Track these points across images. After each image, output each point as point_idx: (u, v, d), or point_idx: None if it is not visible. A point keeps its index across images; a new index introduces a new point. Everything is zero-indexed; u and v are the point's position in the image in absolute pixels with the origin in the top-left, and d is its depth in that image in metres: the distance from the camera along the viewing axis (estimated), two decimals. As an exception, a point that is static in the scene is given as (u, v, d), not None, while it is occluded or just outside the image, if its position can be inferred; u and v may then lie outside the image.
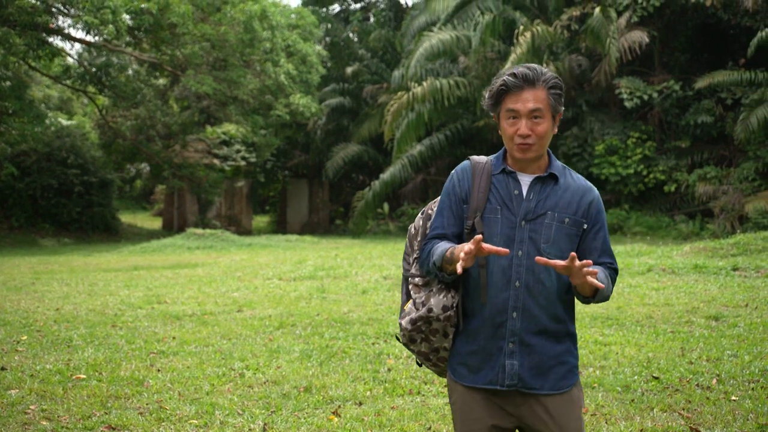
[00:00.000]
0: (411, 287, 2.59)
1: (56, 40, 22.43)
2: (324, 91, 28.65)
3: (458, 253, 2.33)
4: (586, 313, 7.99)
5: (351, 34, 31.60)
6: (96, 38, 20.85)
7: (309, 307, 9.11)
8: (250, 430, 4.60)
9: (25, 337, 7.20)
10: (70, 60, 23.98)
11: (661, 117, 20.90)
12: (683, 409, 4.80)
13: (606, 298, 2.47)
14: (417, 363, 2.69)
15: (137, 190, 39.36)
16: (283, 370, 5.94)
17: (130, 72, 25.30)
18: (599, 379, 5.50)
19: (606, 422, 4.60)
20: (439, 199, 2.63)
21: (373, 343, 6.89)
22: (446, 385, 5.48)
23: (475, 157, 2.58)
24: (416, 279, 2.58)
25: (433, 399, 5.19)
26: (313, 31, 26.65)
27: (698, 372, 5.62)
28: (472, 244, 2.25)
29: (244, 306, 9.22)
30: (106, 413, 4.83)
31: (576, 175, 2.56)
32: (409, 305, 2.55)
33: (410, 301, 2.56)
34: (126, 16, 20.21)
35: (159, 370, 5.92)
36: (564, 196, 2.48)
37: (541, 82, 2.43)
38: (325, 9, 32.85)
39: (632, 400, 5.00)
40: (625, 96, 20.01)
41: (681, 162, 20.44)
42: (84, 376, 5.71)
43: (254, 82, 23.38)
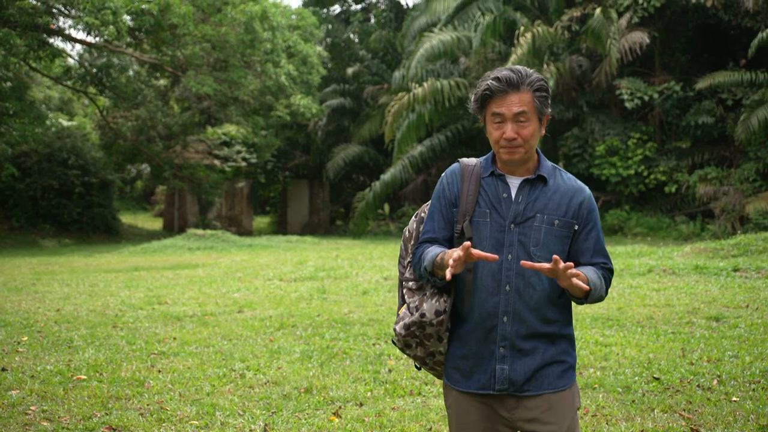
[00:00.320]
0: (405, 291, 2.59)
1: (57, 41, 22.45)
2: (324, 92, 28.66)
3: (447, 259, 2.33)
4: (586, 314, 7.99)
5: (352, 35, 31.62)
6: (97, 39, 20.85)
7: (309, 307, 9.11)
8: (250, 430, 4.60)
9: (26, 338, 7.20)
10: (70, 61, 24.00)
11: (661, 118, 20.90)
12: (684, 410, 4.80)
13: (600, 298, 2.46)
14: (416, 366, 2.69)
15: (138, 191, 39.35)
16: (284, 371, 5.94)
17: (131, 73, 25.31)
18: (600, 379, 5.49)
19: (607, 423, 4.60)
20: (430, 202, 2.63)
21: (373, 344, 6.89)
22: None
23: (464, 160, 2.57)
24: (410, 283, 2.58)
25: (434, 400, 5.19)
26: (313, 32, 26.67)
27: (699, 373, 5.61)
28: (461, 250, 2.24)
29: (244, 307, 9.22)
30: (107, 414, 4.83)
31: (567, 176, 2.54)
32: (404, 310, 2.55)
33: (404, 306, 2.56)
34: (127, 17, 20.21)
35: (160, 371, 5.92)
36: (553, 198, 2.47)
37: (525, 85, 2.41)
38: (325, 10, 32.87)
39: (633, 401, 5.00)
40: (625, 97, 20.00)
41: (682, 163, 20.44)
42: (85, 377, 5.71)
43: (255, 82, 23.39)
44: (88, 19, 18.79)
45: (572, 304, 2.57)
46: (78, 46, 24.93)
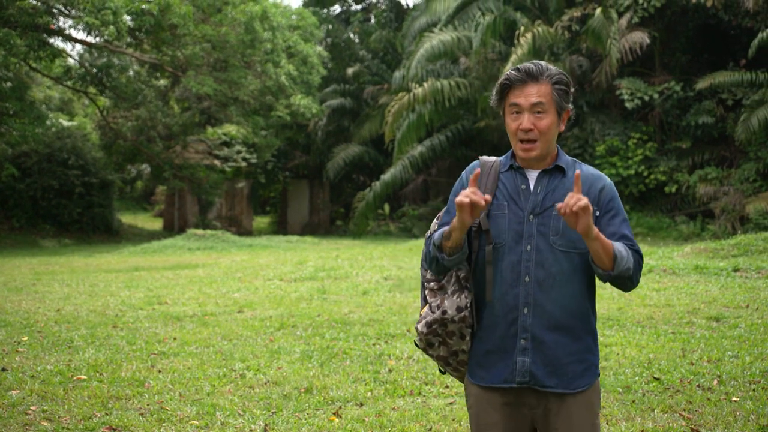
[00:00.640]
0: (427, 292, 2.57)
1: (57, 41, 22.44)
2: (325, 92, 28.66)
3: (453, 223, 2.34)
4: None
5: (352, 35, 31.62)
6: (97, 39, 20.85)
7: (310, 307, 9.11)
8: (251, 430, 4.60)
9: (26, 338, 7.20)
10: (71, 61, 24.00)
11: (661, 118, 20.89)
12: (684, 410, 4.80)
13: (628, 271, 2.35)
14: (440, 370, 2.66)
15: (138, 191, 39.34)
16: (284, 371, 5.94)
17: (131, 73, 25.30)
18: (600, 379, 5.48)
19: (607, 423, 4.60)
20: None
21: (374, 344, 6.89)
22: (447, 386, 5.48)
23: (484, 157, 2.57)
24: (431, 283, 2.56)
25: (434, 400, 5.19)
26: (313, 32, 26.68)
27: (699, 373, 5.61)
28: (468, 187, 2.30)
29: (244, 307, 9.22)
30: (107, 414, 4.83)
31: (587, 167, 2.53)
32: (425, 309, 2.54)
33: (426, 306, 2.55)
34: (127, 17, 20.21)
35: (160, 371, 5.92)
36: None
37: (544, 77, 2.41)
38: (325, 10, 32.87)
39: (633, 401, 5.00)
40: (625, 97, 20.00)
41: (682, 163, 20.43)
42: (85, 377, 5.71)
43: (255, 83, 23.39)
44: (88, 19, 18.79)
45: (596, 298, 2.51)
46: (78, 46, 24.95)
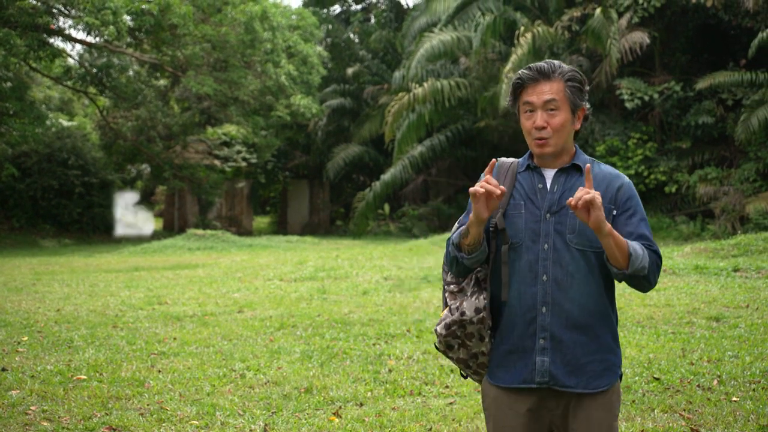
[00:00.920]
0: (447, 294, 2.57)
1: (57, 41, 22.44)
2: (325, 92, 28.66)
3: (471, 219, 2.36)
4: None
5: (352, 35, 31.62)
6: (97, 39, 20.86)
7: (310, 307, 9.11)
8: (250, 430, 4.60)
9: (26, 338, 7.20)
10: (70, 61, 24.00)
11: (661, 118, 20.88)
12: (684, 410, 4.80)
13: (643, 269, 2.34)
14: (462, 375, 2.64)
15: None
16: (284, 371, 5.94)
17: (131, 73, 25.30)
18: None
19: (607, 423, 4.59)
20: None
21: (374, 344, 6.89)
22: (447, 386, 5.48)
23: (502, 159, 2.58)
24: (451, 286, 2.56)
25: (434, 400, 5.19)
26: (313, 32, 26.67)
27: (699, 373, 5.61)
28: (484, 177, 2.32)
29: (244, 307, 9.22)
30: (107, 414, 4.83)
31: (604, 166, 2.52)
32: (445, 312, 2.53)
33: (446, 308, 2.55)
34: (127, 17, 20.21)
35: (160, 371, 5.92)
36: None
37: (557, 75, 2.42)
38: (325, 10, 32.87)
39: (633, 401, 5.00)
40: (625, 97, 19.99)
41: (682, 163, 20.42)
42: (85, 377, 5.71)
43: (255, 83, 23.39)
44: (88, 19, 18.79)
45: (616, 297, 2.51)
46: (78, 46, 24.93)
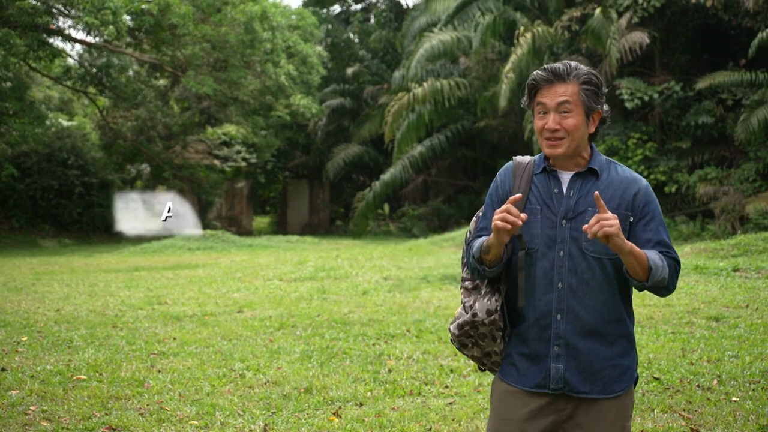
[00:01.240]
0: (462, 291, 2.56)
1: (57, 41, 22.45)
2: (324, 92, 28.66)
3: (493, 226, 2.31)
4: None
5: (351, 35, 31.62)
6: (96, 39, 20.86)
7: (309, 307, 9.11)
8: (250, 430, 4.60)
9: (26, 338, 7.20)
10: (70, 61, 24.00)
11: (661, 118, 20.88)
12: (684, 410, 4.80)
13: (664, 283, 2.34)
14: (479, 368, 2.64)
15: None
16: (284, 371, 5.93)
17: (131, 73, 25.30)
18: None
19: (607, 423, 4.59)
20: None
21: (373, 344, 6.89)
22: (446, 387, 5.48)
23: (518, 158, 2.55)
24: (466, 282, 2.55)
25: (434, 400, 5.19)
26: (313, 32, 26.67)
27: (699, 373, 5.61)
28: (508, 203, 2.27)
29: (244, 307, 9.22)
30: (107, 414, 4.83)
31: (622, 168, 2.48)
32: (459, 309, 2.53)
33: (461, 306, 2.54)
34: (126, 17, 20.22)
35: (159, 371, 5.91)
36: (606, 192, 2.40)
37: (572, 77, 2.39)
38: (325, 10, 32.87)
39: (633, 401, 4.99)
40: (625, 97, 19.99)
41: (681, 163, 20.42)
42: (84, 377, 5.71)
43: (255, 82, 23.39)
44: (88, 19, 18.80)
45: (632, 302, 2.50)
46: (78, 46, 24.94)
